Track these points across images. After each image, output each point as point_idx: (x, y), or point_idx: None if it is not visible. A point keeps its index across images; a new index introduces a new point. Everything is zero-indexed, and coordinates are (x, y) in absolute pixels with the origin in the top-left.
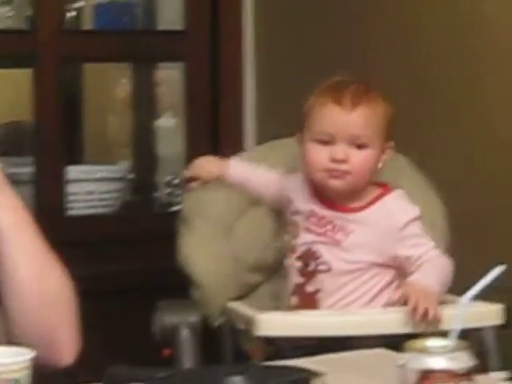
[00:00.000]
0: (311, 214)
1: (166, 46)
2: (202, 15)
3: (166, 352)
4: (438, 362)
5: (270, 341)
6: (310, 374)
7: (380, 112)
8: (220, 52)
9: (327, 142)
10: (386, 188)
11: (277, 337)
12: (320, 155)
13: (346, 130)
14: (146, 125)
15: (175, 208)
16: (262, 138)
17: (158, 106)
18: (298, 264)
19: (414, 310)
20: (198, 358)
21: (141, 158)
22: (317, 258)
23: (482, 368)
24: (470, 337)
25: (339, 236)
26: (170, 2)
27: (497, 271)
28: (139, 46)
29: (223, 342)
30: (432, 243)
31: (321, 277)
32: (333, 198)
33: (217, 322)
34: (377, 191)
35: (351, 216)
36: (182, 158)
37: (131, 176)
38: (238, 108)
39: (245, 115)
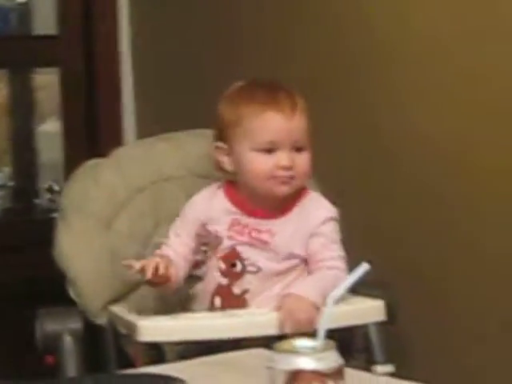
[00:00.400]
0: (234, 223)
1: (41, 51)
2: (75, 19)
3: (49, 359)
4: (306, 363)
5: (152, 345)
6: (174, 381)
7: (306, 113)
8: (95, 55)
9: (269, 149)
10: (304, 189)
11: (159, 342)
12: (265, 164)
13: (289, 136)
14: (25, 131)
15: (56, 214)
16: (142, 137)
17: (37, 112)
18: (221, 265)
19: (285, 323)
20: (81, 365)
21: (21, 165)
22: (244, 259)
23: (368, 363)
24: (355, 333)
25: (265, 237)
26: (43, 7)
27: (362, 269)
28: (14, 52)
29: (106, 345)
30: (340, 253)
31: (248, 277)
32: (261, 205)
33: (98, 321)
34: (296, 192)
35: (275, 221)
36: (62, 163)
37: (11, 183)
38: (115, 111)
39: (123, 118)
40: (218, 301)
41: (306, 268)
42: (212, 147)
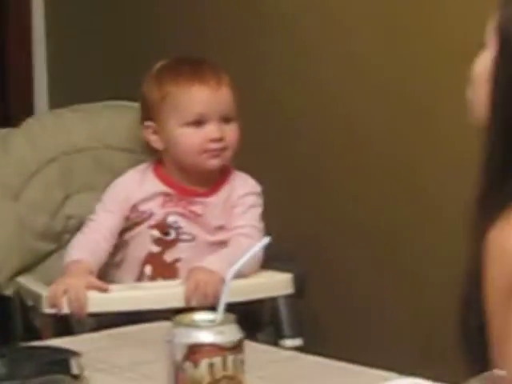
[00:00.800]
0: (166, 201)
1: None
2: None
3: None
4: (205, 336)
5: (59, 317)
6: (69, 355)
7: (232, 87)
8: (7, 15)
9: (198, 122)
10: (228, 167)
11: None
12: (195, 138)
13: (217, 108)
14: None
15: None
16: (54, 103)
17: None
18: (154, 233)
19: (191, 296)
20: None
21: None
22: (177, 227)
23: (276, 337)
24: (263, 306)
25: (198, 209)
26: None
27: (261, 243)
28: None
29: (13, 317)
30: (256, 223)
31: (182, 246)
32: (191, 183)
33: (5, 292)
34: (221, 171)
35: (207, 199)
36: None
37: None
38: (27, 81)
39: (35, 88)
40: (148, 269)
41: None
42: (140, 127)
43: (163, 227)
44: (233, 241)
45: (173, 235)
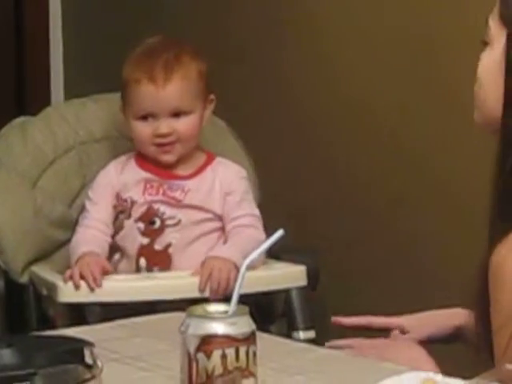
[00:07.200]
0: (147, 187)
1: None
2: None
3: None
4: (218, 327)
5: (73, 307)
6: (83, 344)
7: (194, 76)
8: (24, 10)
9: (149, 116)
10: (210, 154)
11: (80, 303)
12: (145, 132)
13: (165, 105)
14: None
15: None
16: (69, 96)
17: None
18: (140, 225)
19: (205, 282)
20: (2, 324)
21: None
22: (161, 215)
23: (289, 328)
24: (277, 298)
25: (178, 195)
26: None
27: (276, 235)
28: None
29: (27, 305)
30: (253, 211)
31: (169, 231)
32: (166, 166)
33: (20, 280)
34: (204, 158)
35: (188, 182)
36: None
37: None
38: (44, 67)
39: (51, 73)
40: (142, 261)
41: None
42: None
43: (147, 217)
44: (236, 231)
45: (158, 223)
